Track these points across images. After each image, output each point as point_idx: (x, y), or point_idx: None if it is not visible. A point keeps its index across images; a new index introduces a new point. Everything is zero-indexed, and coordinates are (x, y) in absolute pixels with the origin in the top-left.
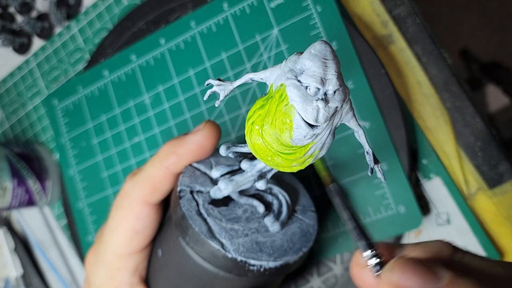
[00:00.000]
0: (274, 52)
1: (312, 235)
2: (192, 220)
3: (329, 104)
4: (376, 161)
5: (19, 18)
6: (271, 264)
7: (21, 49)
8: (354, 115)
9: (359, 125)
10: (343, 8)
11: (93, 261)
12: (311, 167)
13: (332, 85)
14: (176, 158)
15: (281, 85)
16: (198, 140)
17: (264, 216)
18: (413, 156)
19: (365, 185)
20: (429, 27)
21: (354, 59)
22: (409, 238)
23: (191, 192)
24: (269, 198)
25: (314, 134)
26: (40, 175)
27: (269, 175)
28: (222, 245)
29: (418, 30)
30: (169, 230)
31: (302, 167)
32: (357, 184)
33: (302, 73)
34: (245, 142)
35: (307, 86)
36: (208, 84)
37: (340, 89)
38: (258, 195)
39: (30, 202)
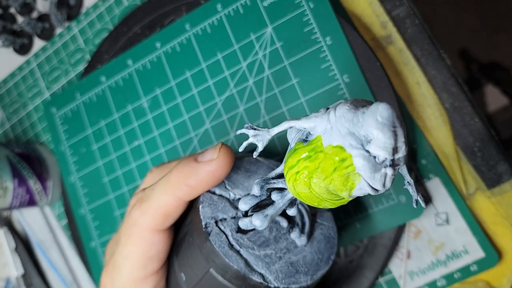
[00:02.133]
0: (268, 50)
1: (334, 239)
2: (228, 257)
3: (396, 167)
4: (417, 191)
5: (20, 19)
6: (309, 282)
7: (22, 49)
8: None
9: (408, 174)
10: (340, 8)
11: (109, 285)
12: None
13: (401, 152)
14: (188, 189)
15: (340, 147)
16: (212, 171)
17: (289, 230)
18: (412, 156)
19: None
20: (428, 27)
21: (348, 53)
22: (409, 239)
23: (216, 222)
24: (289, 210)
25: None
26: (41, 175)
27: (298, 201)
28: (263, 277)
29: (417, 30)
30: (195, 257)
31: (345, 203)
32: None
33: (369, 142)
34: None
35: (375, 156)
36: (241, 132)
37: (406, 149)
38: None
39: (31, 202)
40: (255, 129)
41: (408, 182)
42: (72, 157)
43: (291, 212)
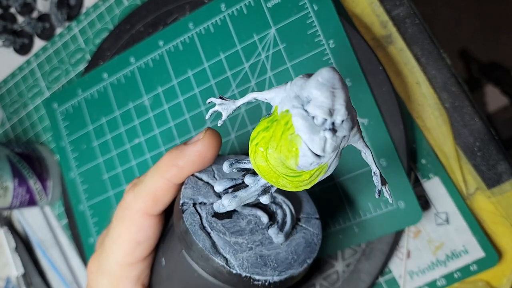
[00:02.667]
0: (271, 51)
1: (316, 245)
2: (196, 236)
3: (336, 134)
4: (383, 182)
5: (20, 19)
6: (276, 278)
7: (22, 49)
8: (361, 136)
9: (366, 145)
10: (341, 8)
11: (95, 270)
12: None
13: (340, 115)
14: (177, 170)
15: (287, 111)
16: (199, 151)
17: (268, 227)
18: (412, 156)
19: (365, 181)
20: (428, 27)
21: (351, 56)
22: (408, 238)
23: (194, 204)
24: (273, 207)
25: (321, 162)
26: (41, 175)
27: (273, 190)
28: (227, 261)
29: (418, 30)
30: (173, 241)
31: (307, 187)
32: (357, 180)
33: (309, 102)
34: (247, 154)
35: (314, 116)
36: (209, 102)
37: (349, 117)
38: (261, 204)
39: (31, 201)
40: (223, 99)
41: (374, 173)
42: (72, 153)
43: (264, 199)
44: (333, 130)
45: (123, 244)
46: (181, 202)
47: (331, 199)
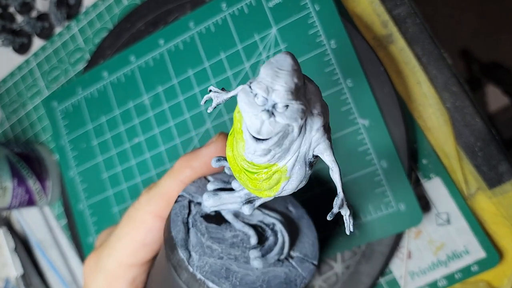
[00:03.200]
0: (272, 51)
1: (296, 287)
2: (173, 224)
3: (276, 118)
4: (342, 206)
5: (19, 18)
6: None
7: (21, 49)
8: (329, 148)
9: (334, 161)
10: (342, 7)
11: (93, 266)
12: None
13: (279, 97)
14: (190, 171)
15: None
16: (212, 153)
17: (252, 248)
18: (413, 156)
19: (366, 183)
20: (429, 27)
21: (352, 57)
22: (409, 239)
23: (190, 201)
24: (268, 233)
25: (264, 150)
26: (40, 175)
27: (257, 203)
28: (189, 257)
29: (418, 30)
30: None
31: (271, 195)
32: (358, 182)
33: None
34: None
35: (256, 94)
36: (210, 91)
37: (295, 106)
38: (259, 227)
39: (30, 202)
40: (223, 89)
41: (337, 194)
42: (72, 152)
43: (245, 209)
44: (272, 113)
45: (129, 243)
46: (180, 193)
47: (331, 201)
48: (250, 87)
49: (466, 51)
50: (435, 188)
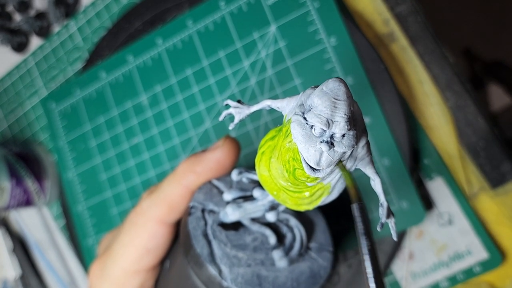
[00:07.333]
0: (272, 49)
1: (321, 278)
2: (195, 241)
3: (334, 148)
4: (389, 215)
5: (17, 17)
6: None
7: (19, 48)
8: (371, 161)
9: (376, 173)
10: (342, 5)
11: (98, 273)
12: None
13: (339, 128)
14: (194, 176)
15: (290, 119)
16: (217, 157)
17: (273, 248)
18: (415, 156)
19: (368, 182)
20: (431, 25)
21: (353, 55)
22: (411, 239)
23: (203, 210)
24: (284, 229)
25: (316, 175)
26: (39, 175)
27: (281, 208)
28: (220, 272)
29: (420, 28)
30: (178, 244)
31: (310, 208)
32: (359, 180)
33: (310, 110)
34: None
35: (312, 126)
36: (226, 105)
37: (351, 133)
38: (273, 225)
39: (28, 202)
40: (239, 102)
41: (381, 204)
42: (70, 153)
43: (270, 216)
44: (331, 143)
45: (132, 250)
46: (190, 204)
47: (333, 200)
48: (304, 118)
49: (468, 50)
50: (437, 188)
